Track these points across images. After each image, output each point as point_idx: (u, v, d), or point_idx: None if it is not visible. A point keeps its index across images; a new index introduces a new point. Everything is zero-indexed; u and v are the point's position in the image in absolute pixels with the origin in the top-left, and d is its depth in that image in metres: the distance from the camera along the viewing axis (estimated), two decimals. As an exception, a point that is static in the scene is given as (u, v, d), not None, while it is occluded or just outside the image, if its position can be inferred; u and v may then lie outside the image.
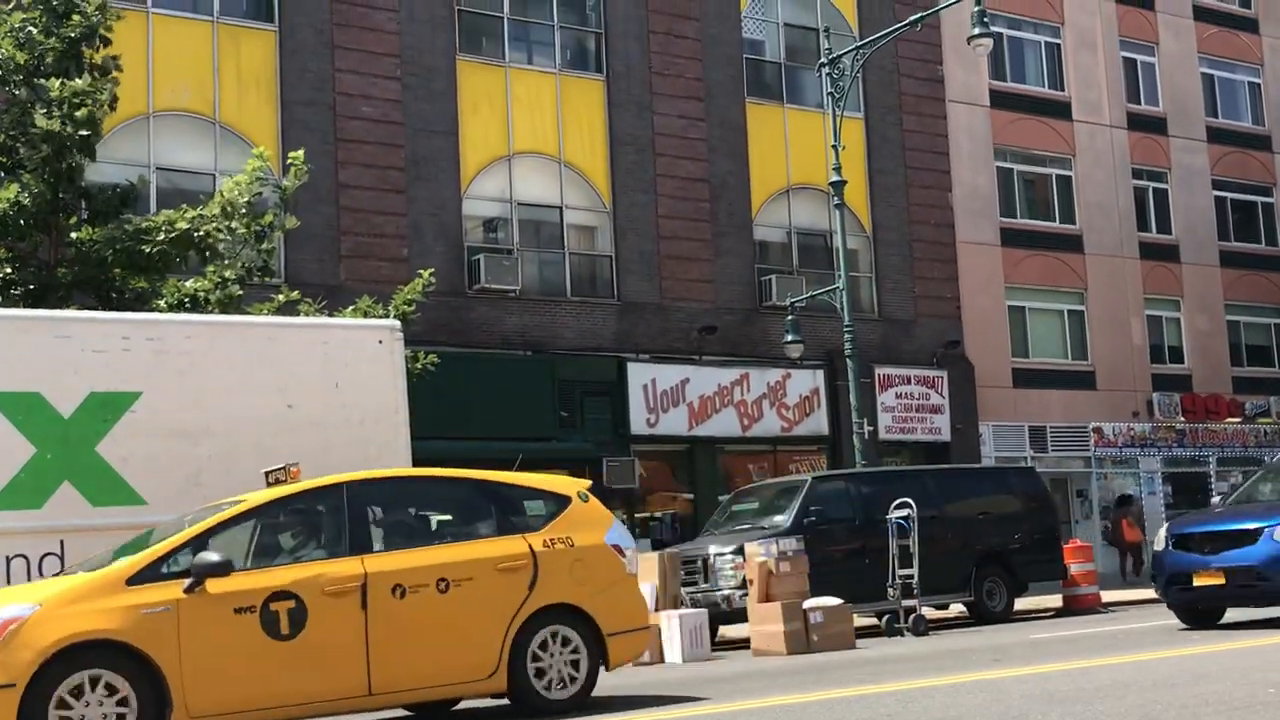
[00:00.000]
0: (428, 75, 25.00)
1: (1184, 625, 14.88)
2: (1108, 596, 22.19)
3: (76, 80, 15.06)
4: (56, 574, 9.89)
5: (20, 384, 10.81)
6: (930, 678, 10.50)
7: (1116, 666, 10.55)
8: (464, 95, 25.40)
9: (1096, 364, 33.76)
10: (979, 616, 19.43)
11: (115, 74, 15.91)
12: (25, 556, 10.56)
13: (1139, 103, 35.77)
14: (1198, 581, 14.30)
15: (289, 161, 16.98)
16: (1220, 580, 14.11)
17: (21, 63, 15.17)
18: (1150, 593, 22.24)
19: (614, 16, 27.32)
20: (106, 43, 15.80)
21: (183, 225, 15.47)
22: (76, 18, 15.40)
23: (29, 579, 10.51)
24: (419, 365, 17.44)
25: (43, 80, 15.05)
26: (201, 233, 15.57)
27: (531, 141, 26.23)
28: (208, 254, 15.84)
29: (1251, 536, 14.10)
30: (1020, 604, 20.39)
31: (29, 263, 15.46)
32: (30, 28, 15.33)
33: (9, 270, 15.18)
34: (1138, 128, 35.46)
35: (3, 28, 15.28)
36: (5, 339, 10.92)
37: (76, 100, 14.90)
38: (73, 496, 10.84)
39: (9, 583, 10.43)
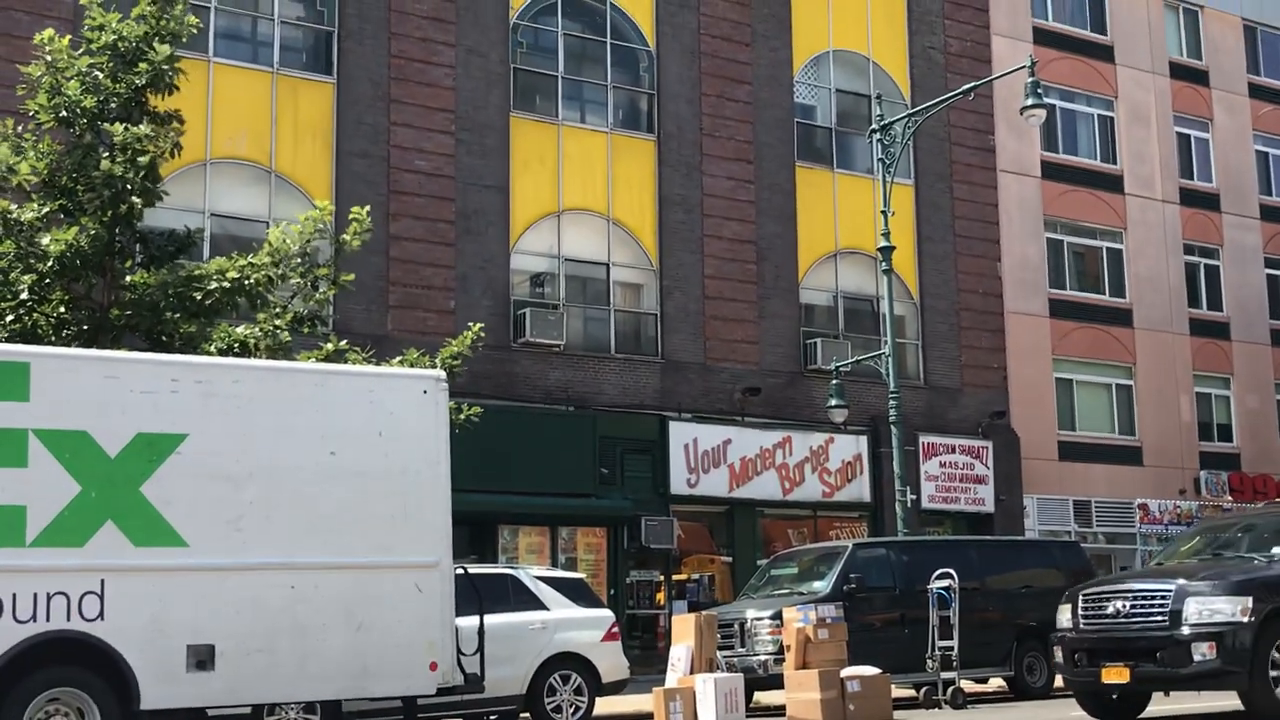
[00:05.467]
0: (481, 131, 25.25)
1: None
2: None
3: (140, 126, 15.24)
4: None
5: (68, 423, 10.89)
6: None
7: (1160, 749, 10.32)
8: (516, 151, 25.63)
9: (1144, 439, 33.36)
10: (1019, 692, 19.11)
11: (177, 125, 16.10)
12: (65, 594, 10.60)
13: (1192, 178, 35.59)
14: None
15: (351, 217, 17.08)
16: None
17: (88, 106, 15.36)
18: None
19: (666, 78, 27.55)
20: (172, 90, 15.95)
21: (233, 275, 15.61)
22: (144, 65, 15.59)
23: (68, 619, 10.55)
24: (462, 417, 17.47)
25: (107, 125, 15.23)
26: (251, 281, 15.73)
27: (581, 198, 26.39)
28: (258, 302, 16.00)
29: None
30: (1061, 680, 20.02)
31: (83, 304, 15.63)
32: (97, 73, 15.54)
33: (63, 311, 15.33)
34: (1190, 203, 35.24)
35: (71, 71, 15.49)
36: (55, 378, 11.03)
37: (139, 146, 15.09)
38: (115, 536, 10.87)
39: (48, 621, 10.46)
